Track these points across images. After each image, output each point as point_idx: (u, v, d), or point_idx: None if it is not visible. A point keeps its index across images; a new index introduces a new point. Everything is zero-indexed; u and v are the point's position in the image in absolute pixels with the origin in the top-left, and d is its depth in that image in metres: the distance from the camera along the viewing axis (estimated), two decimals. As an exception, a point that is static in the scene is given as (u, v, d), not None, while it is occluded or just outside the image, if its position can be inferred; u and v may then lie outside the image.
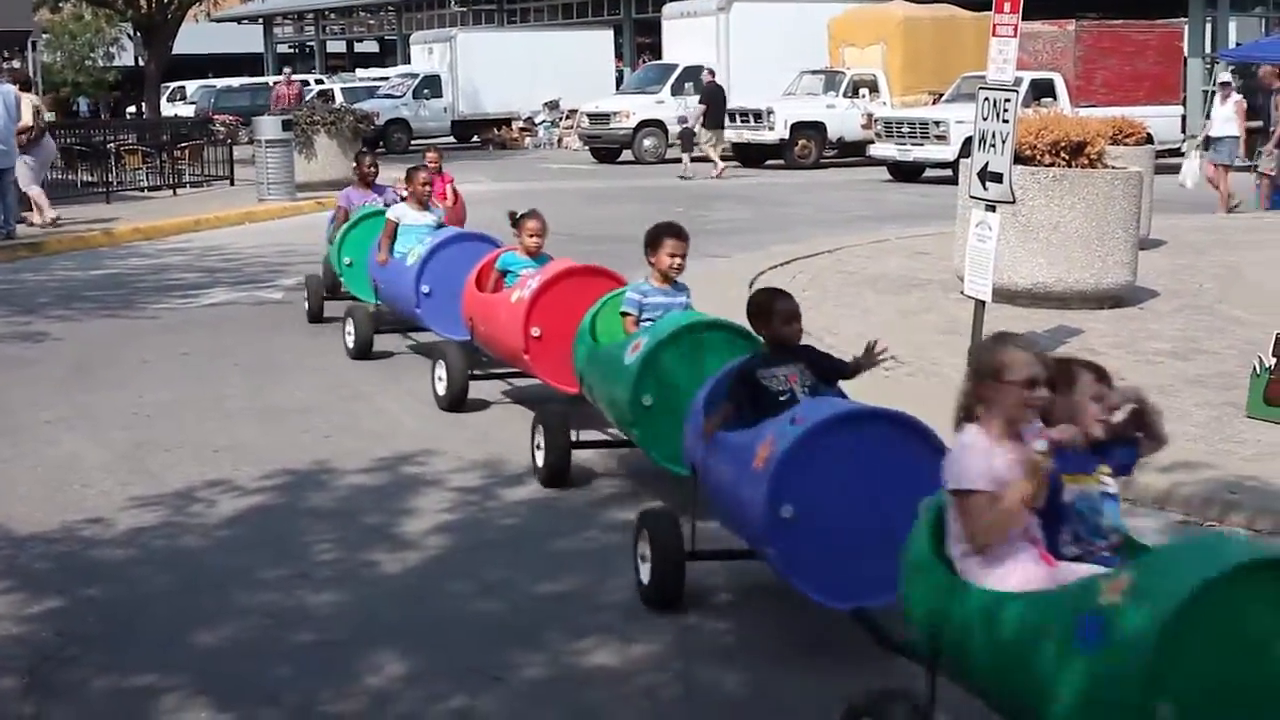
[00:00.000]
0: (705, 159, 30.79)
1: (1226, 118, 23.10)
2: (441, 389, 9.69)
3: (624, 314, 7.70)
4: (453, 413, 9.56)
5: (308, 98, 34.64)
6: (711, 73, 32.10)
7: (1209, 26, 35.92)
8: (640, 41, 51.21)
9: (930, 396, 9.29)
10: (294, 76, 34.83)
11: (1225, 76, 25.22)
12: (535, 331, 8.66)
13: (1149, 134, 18.06)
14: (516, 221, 9.59)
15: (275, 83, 40.86)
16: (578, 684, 5.45)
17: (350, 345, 11.49)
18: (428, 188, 11.55)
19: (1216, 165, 22.77)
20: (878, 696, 4.45)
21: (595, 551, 6.94)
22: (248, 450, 8.81)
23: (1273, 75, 23.10)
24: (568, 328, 8.29)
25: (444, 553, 6.97)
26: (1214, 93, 24.78)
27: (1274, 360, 8.57)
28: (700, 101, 31.47)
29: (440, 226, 11.30)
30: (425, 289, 10.45)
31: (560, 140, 41.68)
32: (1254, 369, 8.71)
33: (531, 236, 9.45)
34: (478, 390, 9.83)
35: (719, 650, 5.76)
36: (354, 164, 14.08)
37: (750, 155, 33.49)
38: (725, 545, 6.24)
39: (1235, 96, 23.43)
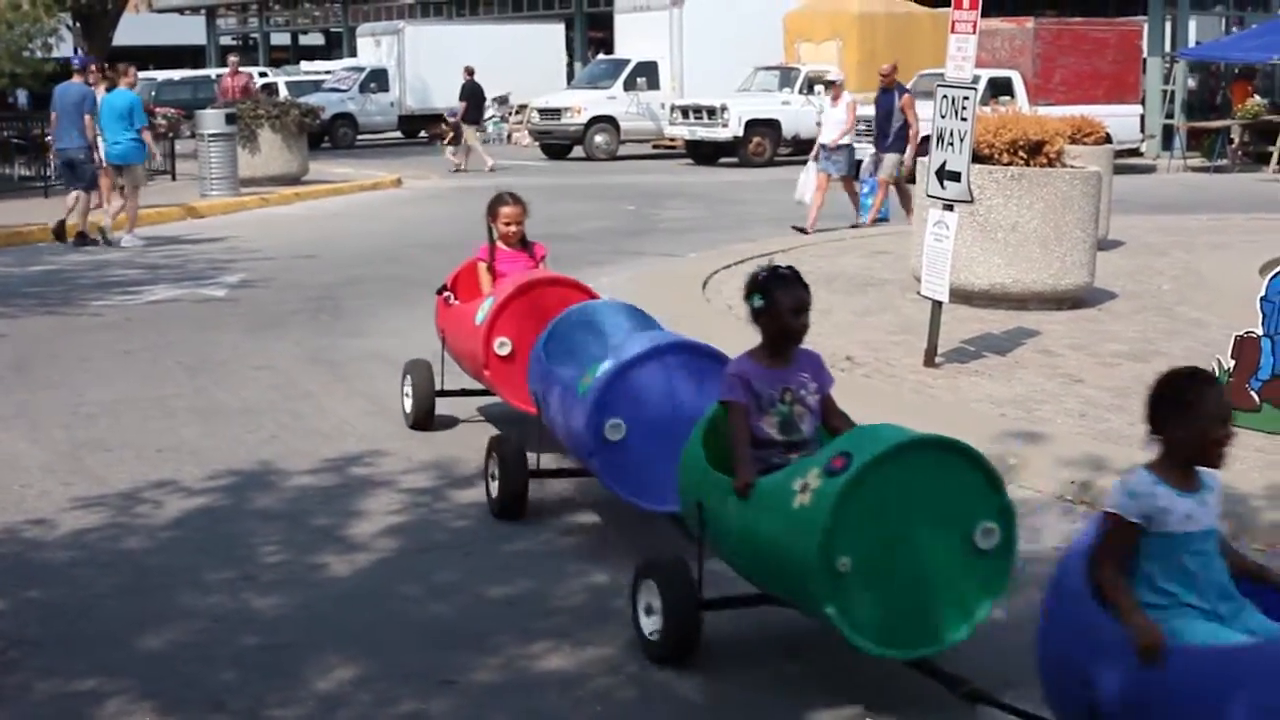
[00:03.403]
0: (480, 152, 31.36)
1: (837, 121, 19.71)
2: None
3: None
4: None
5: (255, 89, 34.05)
6: (469, 71, 32.08)
7: (1169, 25, 36.10)
8: (592, 36, 51.07)
9: (886, 397, 9.24)
10: (241, 67, 34.18)
11: (835, 75, 21.43)
12: None
13: (1108, 133, 18.12)
14: None
15: (220, 74, 40.27)
16: (530, 688, 5.36)
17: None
18: None
19: (831, 177, 19.43)
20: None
21: (547, 554, 6.84)
22: (192, 450, 8.66)
23: (893, 73, 20.03)
24: None
25: (393, 555, 6.85)
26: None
27: (1233, 363, 8.55)
28: (460, 99, 31.74)
29: None
30: None
31: (510, 136, 41.51)
32: (1212, 371, 8.66)
33: None
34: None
35: (674, 655, 5.66)
36: (756, 306, 5.51)
37: (704, 152, 33.45)
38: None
39: (847, 98, 20.03)
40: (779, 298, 5.41)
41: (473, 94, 31.63)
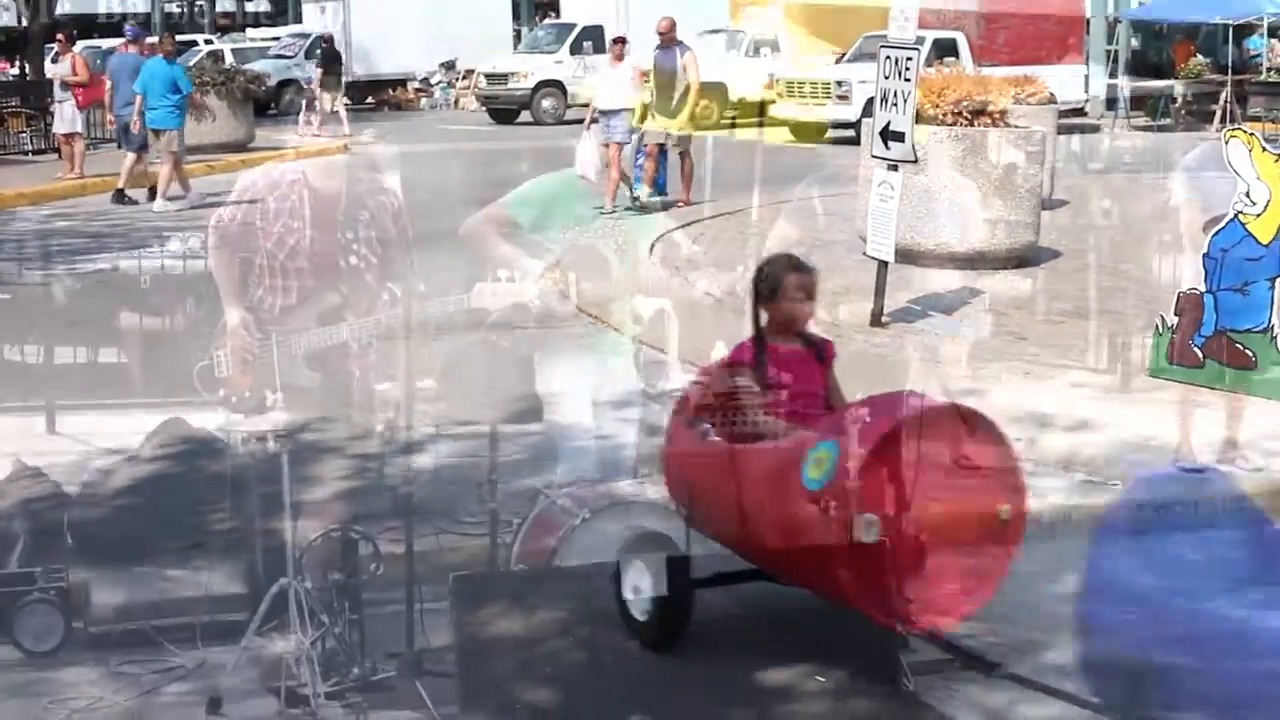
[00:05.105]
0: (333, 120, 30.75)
1: (619, 82, 18.34)
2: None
3: None
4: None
5: (194, 60, 33.52)
6: (328, 40, 31.94)
7: (1113, -15, 36.18)
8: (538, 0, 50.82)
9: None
10: (148, 38, 33.69)
11: (618, 32, 19.16)
12: None
13: (1052, 93, 18.17)
14: None
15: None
16: (480, 652, 5.37)
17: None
18: None
19: (610, 145, 17.82)
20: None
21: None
22: (140, 419, 8.58)
23: (671, 29, 18.35)
24: None
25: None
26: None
27: (1175, 319, 8.62)
28: (317, 65, 31.67)
29: None
30: None
31: (457, 101, 41.30)
32: (1156, 328, 8.76)
33: None
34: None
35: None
36: None
37: (650, 116, 33.32)
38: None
39: (631, 58, 18.71)
40: None
41: (327, 59, 31.44)
